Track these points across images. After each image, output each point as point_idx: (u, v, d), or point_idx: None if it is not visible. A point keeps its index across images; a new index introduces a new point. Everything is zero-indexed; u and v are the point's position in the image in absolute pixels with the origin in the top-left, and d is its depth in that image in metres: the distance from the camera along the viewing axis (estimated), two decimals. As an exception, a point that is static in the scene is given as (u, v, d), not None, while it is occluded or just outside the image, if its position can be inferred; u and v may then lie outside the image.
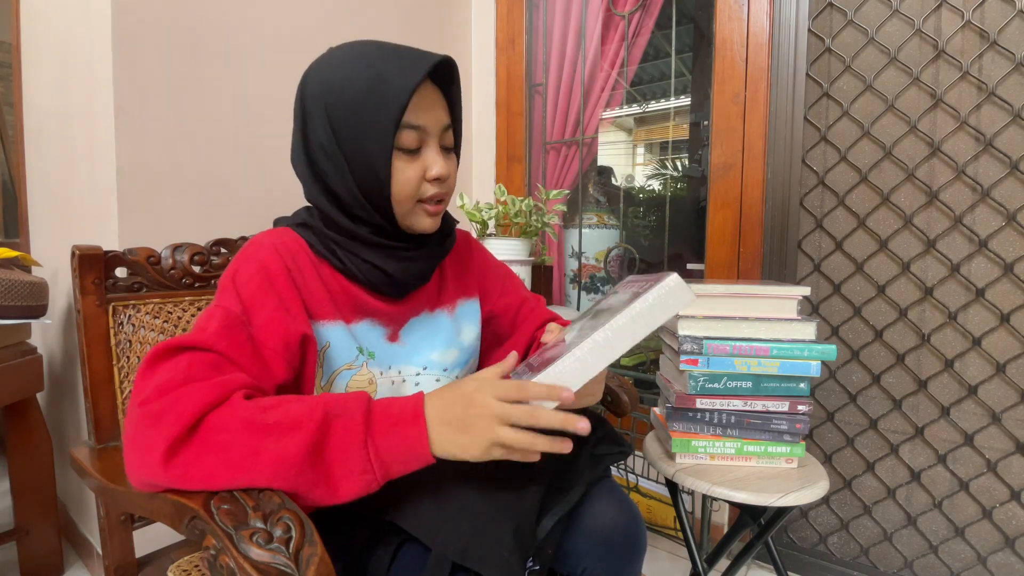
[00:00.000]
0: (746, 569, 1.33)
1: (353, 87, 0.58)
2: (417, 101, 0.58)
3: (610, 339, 0.50)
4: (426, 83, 0.60)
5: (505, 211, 1.31)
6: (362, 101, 0.57)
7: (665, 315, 0.51)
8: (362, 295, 0.65)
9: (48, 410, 1.39)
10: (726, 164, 1.33)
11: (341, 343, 0.63)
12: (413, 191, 0.61)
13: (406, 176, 0.60)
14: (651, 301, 0.51)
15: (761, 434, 0.87)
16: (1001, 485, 1.10)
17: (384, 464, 0.48)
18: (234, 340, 0.53)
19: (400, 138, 0.59)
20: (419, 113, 0.59)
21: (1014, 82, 1.05)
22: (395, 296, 0.67)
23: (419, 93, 0.59)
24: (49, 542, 1.26)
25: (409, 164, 0.60)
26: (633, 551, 0.62)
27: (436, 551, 0.50)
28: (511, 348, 0.86)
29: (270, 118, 1.25)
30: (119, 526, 0.72)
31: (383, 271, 0.63)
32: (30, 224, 1.50)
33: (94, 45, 1.07)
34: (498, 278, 0.85)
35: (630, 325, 0.50)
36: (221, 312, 0.54)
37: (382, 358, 0.67)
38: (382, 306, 0.67)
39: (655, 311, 0.51)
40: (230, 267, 0.60)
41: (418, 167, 0.61)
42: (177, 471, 0.45)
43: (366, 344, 0.66)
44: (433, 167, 0.61)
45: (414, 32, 1.60)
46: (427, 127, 0.60)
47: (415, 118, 0.59)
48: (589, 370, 0.50)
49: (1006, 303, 1.08)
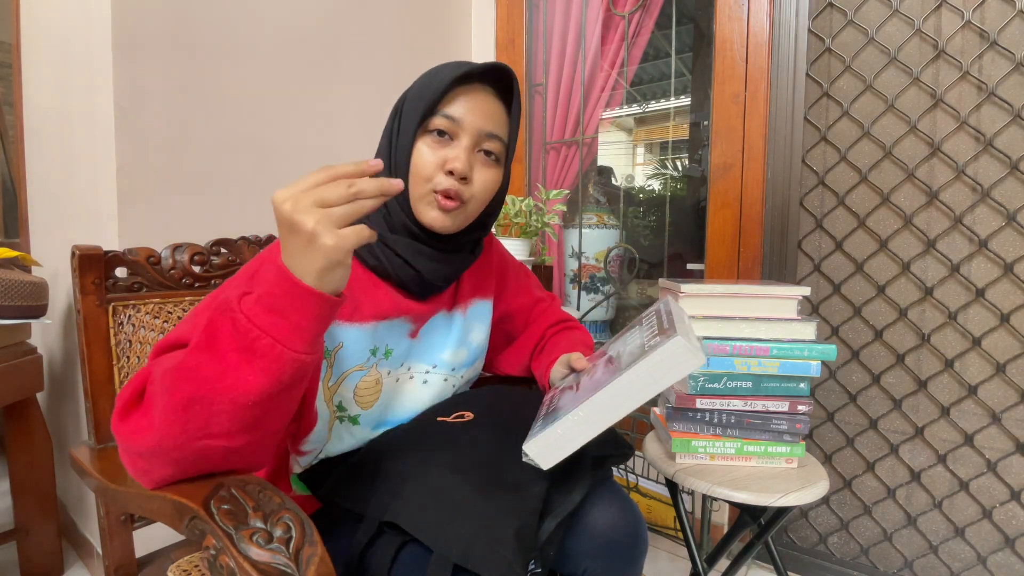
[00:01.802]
0: (746, 569, 1.33)
1: (418, 84, 0.64)
2: (462, 97, 0.62)
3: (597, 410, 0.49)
4: (482, 87, 0.64)
5: (505, 211, 1.31)
6: (419, 91, 0.63)
7: (669, 379, 0.48)
8: (394, 293, 0.66)
9: (48, 410, 1.39)
10: (726, 164, 1.33)
11: (355, 344, 0.63)
12: (428, 174, 0.62)
13: (425, 159, 0.62)
14: (648, 368, 0.48)
15: (761, 434, 0.87)
16: (1001, 485, 1.10)
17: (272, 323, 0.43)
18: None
19: (432, 121, 0.62)
20: (458, 106, 0.62)
21: (1014, 82, 1.05)
22: (419, 296, 0.68)
23: (468, 92, 0.62)
24: (49, 542, 1.26)
25: (433, 150, 0.62)
26: (634, 552, 0.62)
27: (438, 552, 0.50)
28: (520, 347, 0.87)
29: (270, 118, 1.25)
30: (119, 526, 0.72)
31: (414, 269, 0.64)
32: (30, 224, 1.50)
33: (94, 45, 1.07)
34: (515, 278, 0.86)
35: (626, 389, 0.49)
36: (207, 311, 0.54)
37: (398, 355, 0.68)
38: (412, 305, 0.67)
39: (656, 376, 0.48)
40: (253, 260, 0.60)
41: (440, 155, 0.62)
42: (134, 428, 0.47)
43: (387, 341, 0.66)
44: (454, 160, 0.61)
45: (414, 32, 1.60)
46: (462, 120, 0.62)
47: (452, 108, 0.62)
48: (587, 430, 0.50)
49: (1006, 303, 1.08)
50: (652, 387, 0.48)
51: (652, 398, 0.50)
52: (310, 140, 1.33)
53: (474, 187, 0.64)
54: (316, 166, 0.45)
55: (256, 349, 0.43)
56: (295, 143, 1.30)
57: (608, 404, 0.50)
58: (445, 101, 0.62)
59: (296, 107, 1.30)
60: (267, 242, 0.91)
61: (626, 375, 0.49)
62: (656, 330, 0.54)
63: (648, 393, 0.49)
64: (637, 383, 0.49)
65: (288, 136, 1.28)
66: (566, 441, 0.51)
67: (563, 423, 0.51)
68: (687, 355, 0.47)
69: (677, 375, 0.48)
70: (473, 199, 0.64)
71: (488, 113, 0.63)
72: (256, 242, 0.90)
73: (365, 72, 1.43)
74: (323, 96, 1.35)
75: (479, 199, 0.65)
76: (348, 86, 1.40)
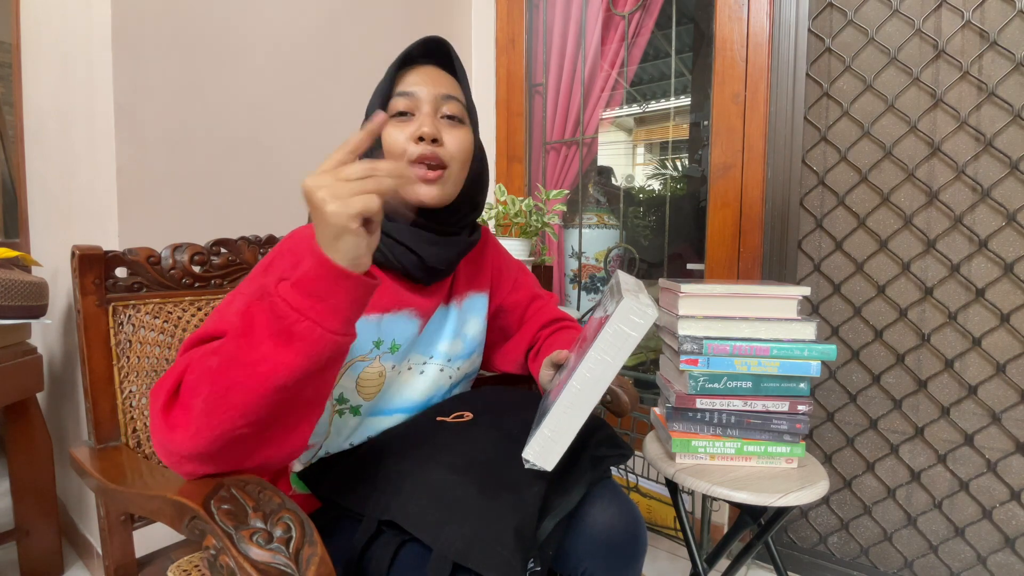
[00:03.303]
0: (746, 569, 1.33)
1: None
2: (411, 74, 0.67)
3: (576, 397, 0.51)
4: (425, 63, 0.69)
5: (505, 211, 1.31)
6: (376, 89, 0.69)
7: (632, 341, 0.50)
8: (398, 286, 0.68)
9: (48, 410, 1.39)
10: (726, 164, 1.33)
11: (361, 335, 0.63)
12: (401, 150, 0.65)
13: (394, 138, 0.65)
14: (609, 339, 0.50)
15: (761, 434, 0.87)
16: (1001, 485, 1.10)
17: (303, 303, 0.45)
18: None
19: (392, 104, 0.66)
20: (411, 83, 0.67)
21: (1014, 82, 1.05)
22: (424, 282, 0.70)
23: (414, 70, 0.68)
24: (49, 542, 1.26)
25: (400, 128, 0.65)
26: (634, 552, 0.62)
27: (437, 551, 0.50)
28: (516, 344, 0.88)
29: (270, 118, 1.25)
30: (119, 526, 0.72)
31: (416, 254, 0.66)
32: (30, 224, 1.50)
33: (94, 45, 1.07)
34: (511, 274, 0.87)
35: (597, 367, 0.50)
36: (242, 299, 0.56)
37: (405, 349, 0.69)
38: (415, 298, 0.69)
39: (619, 344, 0.50)
40: (268, 256, 0.63)
41: (407, 130, 0.65)
42: (173, 424, 0.48)
43: (394, 336, 0.68)
44: (420, 127, 0.64)
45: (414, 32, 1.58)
46: (417, 94, 0.66)
47: (405, 86, 0.67)
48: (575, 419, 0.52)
49: (1006, 303, 1.08)
50: (619, 355, 0.50)
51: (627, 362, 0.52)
52: (310, 140, 1.33)
53: (449, 148, 0.66)
54: (315, 166, 0.46)
55: (295, 332, 0.45)
56: (295, 143, 1.30)
57: (585, 387, 0.51)
58: (396, 83, 0.67)
59: (296, 107, 1.30)
60: (267, 242, 0.91)
61: (591, 354, 0.51)
62: (611, 303, 0.55)
63: (618, 362, 0.51)
64: (605, 356, 0.50)
65: (288, 136, 1.28)
66: (559, 436, 0.52)
67: (549, 420, 0.52)
68: (639, 312, 0.49)
69: (638, 335, 0.50)
70: (453, 160, 0.67)
71: (437, 80, 0.68)
72: (256, 242, 0.90)
73: (365, 72, 1.43)
74: (323, 96, 1.35)
75: (458, 159, 0.67)
76: (348, 86, 1.40)
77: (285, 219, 1.19)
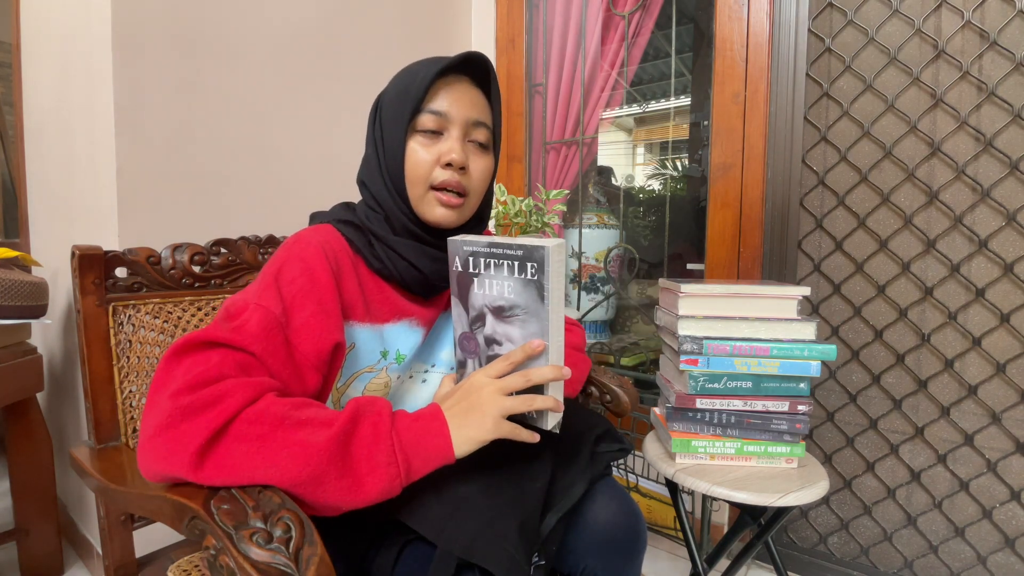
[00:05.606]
0: (746, 569, 1.33)
1: (395, 86, 0.65)
2: (444, 90, 0.62)
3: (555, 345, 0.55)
4: (460, 78, 0.64)
5: (505, 211, 1.31)
6: (398, 94, 0.64)
7: (562, 275, 0.54)
8: (398, 296, 0.66)
9: (48, 410, 1.39)
10: (726, 164, 1.33)
11: (366, 345, 0.63)
12: (425, 173, 0.62)
13: (419, 157, 0.62)
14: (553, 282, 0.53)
15: (761, 434, 0.87)
16: (1001, 485, 1.10)
17: (407, 457, 0.49)
18: (270, 343, 0.52)
19: (419, 120, 0.62)
20: (442, 100, 0.62)
21: (1014, 82, 1.05)
22: (424, 295, 0.69)
23: (448, 85, 0.63)
24: (49, 542, 1.26)
25: (426, 147, 0.63)
26: (634, 549, 0.63)
27: (442, 547, 0.50)
28: None
29: (270, 117, 1.25)
30: (119, 526, 0.72)
31: (417, 269, 0.64)
32: (30, 224, 1.50)
33: (94, 45, 1.07)
34: None
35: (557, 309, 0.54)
36: (261, 313, 0.53)
37: (409, 360, 0.69)
38: (416, 308, 0.68)
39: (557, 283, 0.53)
40: (274, 262, 0.59)
41: (434, 151, 0.63)
42: (209, 469, 0.44)
43: (399, 346, 0.67)
44: (449, 152, 0.62)
45: (414, 32, 1.60)
46: (449, 114, 0.62)
47: (437, 104, 0.62)
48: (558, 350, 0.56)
49: (1006, 303, 1.08)
50: (558, 292, 0.54)
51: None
52: (309, 140, 1.32)
53: (473, 176, 0.65)
54: (315, 166, 0.46)
55: (382, 471, 0.48)
56: (295, 143, 1.30)
57: (556, 332, 0.55)
58: (428, 98, 0.62)
59: (296, 107, 1.30)
60: (267, 242, 0.91)
61: (551, 300, 0.53)
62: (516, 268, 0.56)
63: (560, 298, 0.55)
64: (556, 298, 0.54)
65: (288, 136, 1.28)
66: (556, 391, 0.57)
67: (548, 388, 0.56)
68: (557, 251, 0.53)
69: (562, 267, 0.54)
70: (474, 188, 0.65)
71: (472, 102, 0.64)
72: (256, 242, 0.90)
73: (364, 72, 1.43)
74: (322, 96, 1.35)
75: (478, 191, 0.66)
76: (347, 86, 1.40)
77: (285, 219, 1.19)
